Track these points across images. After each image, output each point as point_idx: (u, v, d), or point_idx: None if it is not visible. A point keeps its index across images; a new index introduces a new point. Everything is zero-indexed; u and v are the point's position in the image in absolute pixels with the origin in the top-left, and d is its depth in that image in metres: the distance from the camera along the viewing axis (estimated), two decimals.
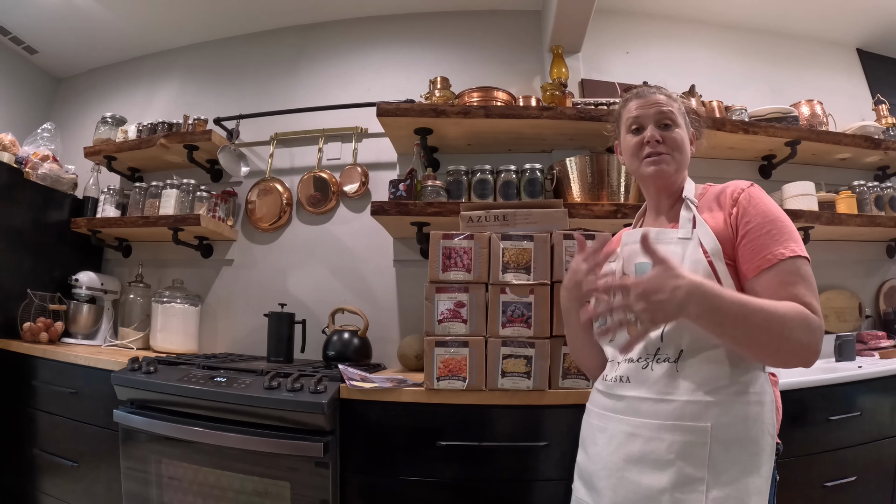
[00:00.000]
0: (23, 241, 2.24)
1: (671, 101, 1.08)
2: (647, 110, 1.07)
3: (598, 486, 0.96)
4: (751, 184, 0.98)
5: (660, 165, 1.04)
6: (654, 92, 1.09)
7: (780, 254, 0.88)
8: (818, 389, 1.57)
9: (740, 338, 0.83)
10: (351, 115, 2.40)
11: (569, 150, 2.17)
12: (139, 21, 2.65)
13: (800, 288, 0.86)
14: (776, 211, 0.94)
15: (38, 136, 2.51)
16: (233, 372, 1.62)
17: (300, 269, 2.39)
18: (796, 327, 0.82)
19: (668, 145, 1.04)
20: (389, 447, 1.45)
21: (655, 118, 1.06)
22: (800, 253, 0.89)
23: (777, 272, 0.88)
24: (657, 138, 1.04)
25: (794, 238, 0.90)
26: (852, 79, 2.71)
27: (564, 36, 2.29)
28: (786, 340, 0.82)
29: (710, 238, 0.94)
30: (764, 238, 0.90)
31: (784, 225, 0.92)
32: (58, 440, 1.87)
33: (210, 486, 1.52)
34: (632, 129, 1.09)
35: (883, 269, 2.43)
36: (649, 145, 1.05)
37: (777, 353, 0.84)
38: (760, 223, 0.92)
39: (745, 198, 0.96)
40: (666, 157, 1.04)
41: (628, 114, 1.10)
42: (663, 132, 1.05)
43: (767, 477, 0.87)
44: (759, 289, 0.89)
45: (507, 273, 1.43)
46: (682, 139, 1.07)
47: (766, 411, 0.89)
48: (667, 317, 0.81)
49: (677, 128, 1.06)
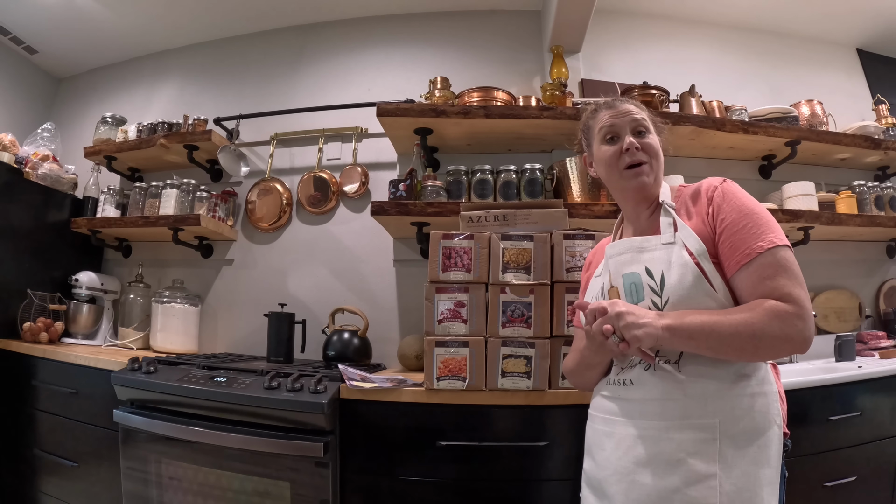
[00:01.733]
0: (23, 241, 2.24)
1: (640, 109, 1.08)
2: (622, 118, 1.06)
3: (608, 491, 0.95)
4: (723, 180, 0.99)
5: (641, 178, 1.03)
6: (624, 101, 1.09)
7: (758, 247, 0.89)
8: (818, 389, 1.57)
9: (716, 348, 0.87)
10: (351, 115, 2.41)
11: (569, 151, 2.15)
12: (139, 21, 2.65)
13: (778, 279, 0.87)
14: (750, 204, 0.94)
15: (38, 136, 2.51)
16: (233, 372, 1.62)
17: (300, 269, 2.39)
18: (767, 324, 0.84)
19: (647, 152, 1.04)
20: (389, 447, 1.45)
21: (631, 126, 1.05)
22: (777, 242, 0.89)
23: (756, 267, 0.88)
24: (637, 145, 1.03)
25: (770, 228, 0.91)
26: (852, 79, 2.71)
27: (564, 36, 2.29)
28: (759, 339, 0.84)
29: (693, 239, 0.94)
30: (740, 233, 0.91)
31: (759, 217, 0.92)
32: (58, 440, 1.87)
33: (210, 486, 1.52)
34: (607, 139, 1.07)
35: (883, 269, 2.43)
36: (628, 153, 1.03)
37: (757, 352, 0.87)
38: (735, 219, 0.92)
39: (719, 195, 0.96)
40: (646, 168, 1.03)
41: (600, 124, 1.08)
42: (640, 139, 1.04)
43: (777, 467, 0.88)
44: (740, 285, 0.90)
45: (507, 273, 1.43)
46: (658, 146, 1.07)
47: (770, 402, 0.89)
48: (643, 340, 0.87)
49: (651, 134, 1.06)
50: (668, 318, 0.88)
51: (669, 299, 0.92)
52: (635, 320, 0.87)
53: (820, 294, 2.31)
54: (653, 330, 0.86)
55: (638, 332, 0.86)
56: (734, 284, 0.91)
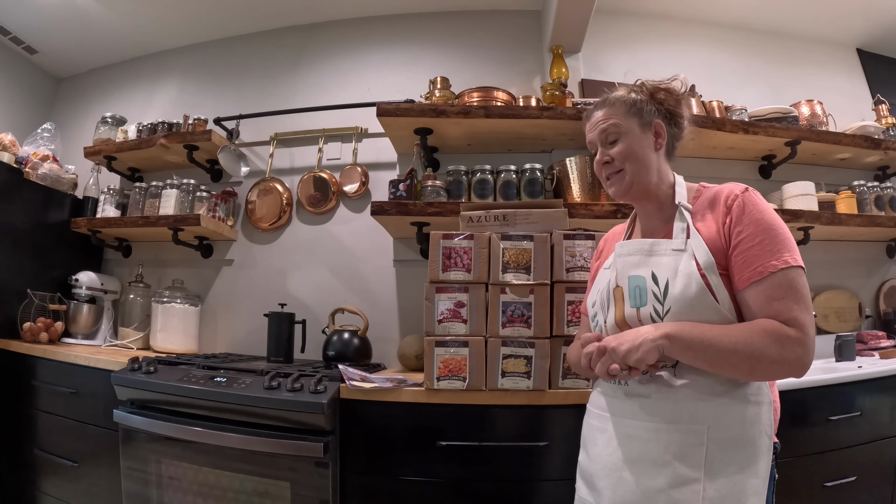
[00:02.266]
0: (23, 241, 2.24)
1: (612, 111, 1.05)
2: (593, 133, 1.08)
3: (598, 485, 0.97)
4: (745, 188, 0.96)
5: (613, 186, 1.06)
6: (596, 108, 1.09)
7: (771, 266, 0.87)
8: (818, 389, 1.57)
9: (712, 362, 0.86)
10: (351, 115, 2.40)
11: (569, 150, 2.17)
12: (139, 21, 2.65)
13: (787, 302, 0.86)
14: (769, 219, 0.91)
15: (38, 136, 2.51)
16: (233, 372, 1.62)
17: (300, 269, 2.39)
18: (767, 346, 0.83)
19: (618, 160, 1.04)
20: (389, 447, 1.45)
21: (600, 139, 1.07)
22: (792, 263, 0.87)
23: (766, 286, 0.87)
24: (605, 160, 1.06)
25: (787, 247, 0.89)
26: (852, 79, 2.71)
27: (564, 36, 2.29)
28: (757, 360, 0.83)
29: (703, 251, 0.92)
30: (755, 249, 0.89)
31: (777, 234, 0.90)
32: (58, 440, 1.87)
33: (210, 486, 1.52)
34: (592, 153, 1.11)
35: (883, 269, 2.43)
36: (603, 167, 1.07)
37: (753, 372, 0.86)
38: (752, 233, 0.90)
39: (739, 205, 0.93)
40: (618, 177, 1.05)
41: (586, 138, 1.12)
42: (609, 149, 1.05)
43: (765, 477, 0.88)
44: (748, 301, 0.89)
45: (507, 273, 1.43)
46: (630, 148, 1.03)
47: (763, 412, 0.89)
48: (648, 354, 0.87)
49: (622, 139, 1.04)
50: (666, 327, 0.88)
51: (671, 309, 0.91)
52: (632, 346, 0.88)
53: (820, 294, 2.31)
54: (651, 345, 0.86)
55: (639, 355, 0.86)
56: (742, 300, 0.90)
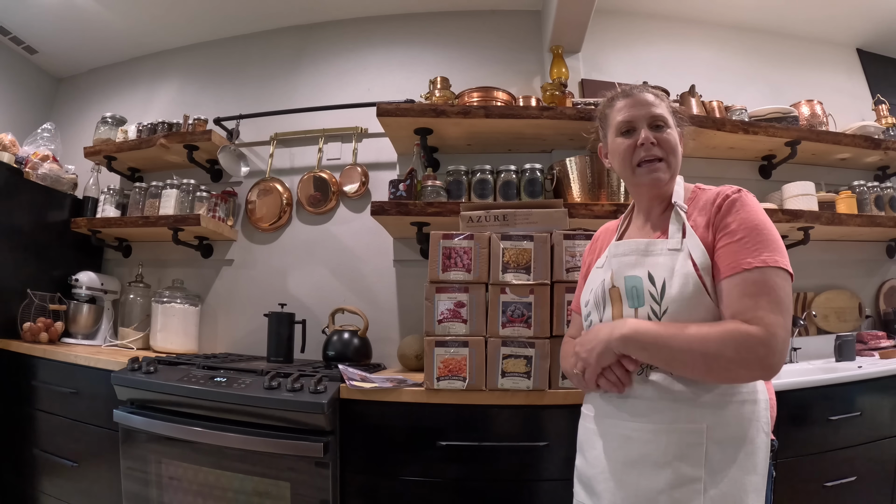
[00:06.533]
0: (23, 241, 2.24)
1: (660, 101, 1.03)
2: (639, 111, 1.01)
3: (597, 489, 0.96)
4: (738, 189, 0.94)
5: (656, 174, 0.99)
6: (643, 91, 1.03)
7: (746, 263, 0.85)
8: (818, 389, 1.57)
9: (668, 362, 0.88)
10: (351, 115, 2.40)
11: (569, 150, 2.17)
12: (139, 21, 2.65)
13: (756, 299, 0.83)
14: (756, 219, 0.89)
15: (38, 136, 2.51)
16: (233, 372, 1.62)
17: (300, 269, 2.39)
18: (723, 346, 0.82)
19: (664, 148, 0.99)
20: (389, 447, 1.45)
21: (648, 119, 1.00)
22: (771, 263, 0.85)
23: (739, 281, 0.86)
24: (652, 140, 0.98)
25: (769, 247, 0.87)
26: (852, 79, 2.71)
27: (564, 36, 2.29)
28: (713, 359, 0.83)
29: (699, 250, 0.91)
30: (736, 245, 0.88)
31: (761, 234, 0.88)
32: (58, 440, 1.87)
33: (210, 486, 1.52)
34: (622, 132, 1.02)
35: (883, 269, 2.43)
36: (643, 148, 0.99)
37: (710, 373, 0.85)
38: (735, 230, 0.89)
39: (728, 204, 0.92)
40: (661, 165, 0.99)
41: (617, 114, 1.04)
42: (657, 134, 0.99)
43: (764, 474, 0.88)
44: (721, 296, 0.88)
45: (507, 273, 1.43)
46: (676, 141, 1.01)
47: (759, 409, 0.89)
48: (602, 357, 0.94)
49: (669, 129, 1.01)
50: (624, 328, 0.91)
51: (668, 309, 0.90)
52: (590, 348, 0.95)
53: (820, 294, 2.31)
54: (602, 347, 0.92)
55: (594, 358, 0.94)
56: (718, 295, 0.89)
